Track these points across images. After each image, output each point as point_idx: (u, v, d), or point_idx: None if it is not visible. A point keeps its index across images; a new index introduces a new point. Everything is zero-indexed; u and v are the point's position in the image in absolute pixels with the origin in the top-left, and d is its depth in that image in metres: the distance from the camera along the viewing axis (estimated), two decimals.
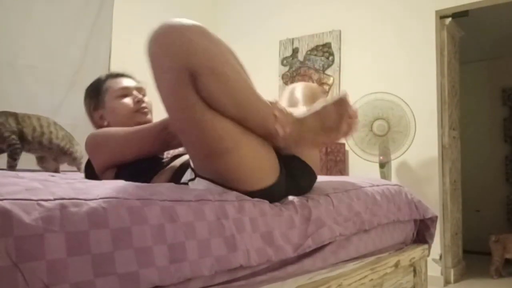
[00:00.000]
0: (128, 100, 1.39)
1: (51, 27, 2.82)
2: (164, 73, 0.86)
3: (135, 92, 1.41)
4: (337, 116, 1.01)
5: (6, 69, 2.57)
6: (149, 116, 1.42)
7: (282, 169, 1.04)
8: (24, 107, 2.63)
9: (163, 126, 1.16)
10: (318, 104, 1.03)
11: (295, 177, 1.10)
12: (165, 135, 1.15)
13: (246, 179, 0.95)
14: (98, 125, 1.46)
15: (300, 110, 1.10)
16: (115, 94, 1.40)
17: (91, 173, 1.31)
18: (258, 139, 0.97)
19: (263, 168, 0.99)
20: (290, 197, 1.08)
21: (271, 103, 0.97)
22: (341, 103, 1.02)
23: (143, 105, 1.40)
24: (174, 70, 0.85)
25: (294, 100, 1.30)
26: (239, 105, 0.91)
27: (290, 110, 1.06)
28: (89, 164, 1.34)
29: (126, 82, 1.43)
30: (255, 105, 0.94)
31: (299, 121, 1.01)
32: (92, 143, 1.27)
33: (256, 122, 0.95)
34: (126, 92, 1.40)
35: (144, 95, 1.45)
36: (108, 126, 1.42)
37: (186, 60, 0.83)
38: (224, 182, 0.94)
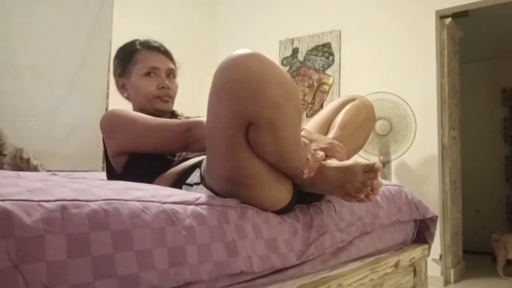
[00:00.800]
0: (152, 82, 1.33)
1: (51, 27, 2.82)
2: (225, 108, 0.82)
3: (163, 75, 1.35)
4: (359, 183, 0.96)
5: (6, 69, 2.57)
6: (169, 105, 1.37)
7: (294, 191, 1.04)
8: (24, 107, 2.63)
9: (188, 127, 1.12)
10: (348, 162, 1.00)
11: (303, 194, 1.10)
12: (188, 137, 1.12)
13: (257, 205, 0.95)
14: (119, 91, 1.42)
15: (324, 140, 1.09)
16: (143, 70, 1.33)
17: (106, 155, 1.29)
18: (279, 172, 0.96)
19: (278, 197, 0.99)
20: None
21: (305, 144, 0.95)
22: (371, 170, 0.95)
23: (167, 92, 1.35)
24: (236, 113, 0.82)
25: (333, 122, 1.27)
26: (280, 156, 0.90)
27: (315, 138, 1.08)
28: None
29: (157, 61, 1.35)
30: (295, 155, 0.92)
31: (323, 169, 0.99)
32: (111, 123, 1.22)
33: (287, 167, 0.94)
34: (154, 71, 1.34)
35: (174, 76, 1.40)
36: (127, 98, 1.40)
37: (252, 110, 0.80)
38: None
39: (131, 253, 0.65)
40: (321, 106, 3.56)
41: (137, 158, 1.20)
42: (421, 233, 1.75)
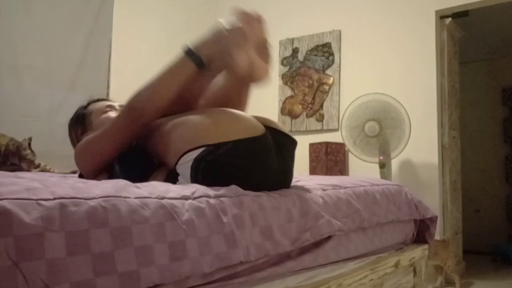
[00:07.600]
0: (114, 114, 1.39)
1: (51, 27, 2.82)
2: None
3: (119, 108, 1.42)
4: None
5: (6, 69, 2.57)
6: None
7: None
8: (24, 107, 2.63)
9: (124, 116, 1.14)
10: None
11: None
12: (133, 114, 1.14)
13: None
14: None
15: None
16: (101, 111, 1.41)
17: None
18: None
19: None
20: (290, 190, 1.08)
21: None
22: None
23: None
24: None
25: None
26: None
27: None
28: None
29: (108, 102, 1.45)
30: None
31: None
32: (76, 155, 1.25)
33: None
34: (111, 108, 1.42)
35: None
36: None
37: None
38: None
39: (131, 249, 0.65)
40: (321, 106, 3.56)
41: (117, 174, 1.22)
42: (421, 233, 1.74)
